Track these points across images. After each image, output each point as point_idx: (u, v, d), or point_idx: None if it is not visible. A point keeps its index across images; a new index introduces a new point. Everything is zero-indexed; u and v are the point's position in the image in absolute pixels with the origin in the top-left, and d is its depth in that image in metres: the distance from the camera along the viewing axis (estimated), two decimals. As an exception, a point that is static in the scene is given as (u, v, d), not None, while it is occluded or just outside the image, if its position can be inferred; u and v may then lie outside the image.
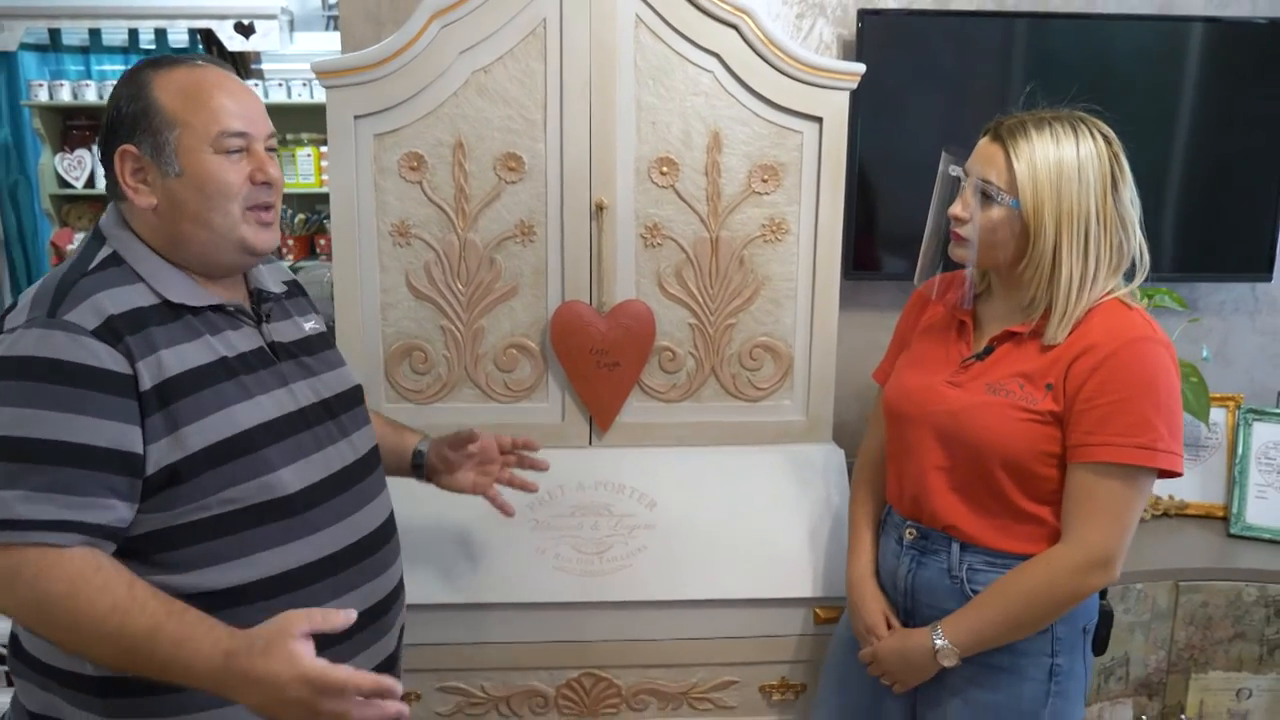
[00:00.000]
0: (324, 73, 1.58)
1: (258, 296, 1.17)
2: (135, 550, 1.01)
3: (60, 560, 0.95)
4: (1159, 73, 1.95)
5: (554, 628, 1.57)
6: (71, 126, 4.05)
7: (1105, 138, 1.21)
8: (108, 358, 0.98)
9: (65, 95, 3.92)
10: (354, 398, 1.23)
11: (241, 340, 1.10)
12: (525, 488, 1.42)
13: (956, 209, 1.25)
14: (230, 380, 1.06)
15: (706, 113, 1.64)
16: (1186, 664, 1.75)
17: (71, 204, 4.08)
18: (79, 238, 3.99)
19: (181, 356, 1.03)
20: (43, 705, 1.07)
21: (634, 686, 1.61)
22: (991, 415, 1.23)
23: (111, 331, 0.99)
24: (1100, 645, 1.36)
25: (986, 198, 1.22)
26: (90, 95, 3.93)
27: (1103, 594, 1.36)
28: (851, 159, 1.75)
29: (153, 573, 1.01)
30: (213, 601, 1.01)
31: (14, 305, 1.03)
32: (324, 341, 1.24)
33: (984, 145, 1.25)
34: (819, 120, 1.65)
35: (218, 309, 1.09)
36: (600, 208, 1.64)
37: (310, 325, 1.22)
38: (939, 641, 1.26)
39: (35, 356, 0.96)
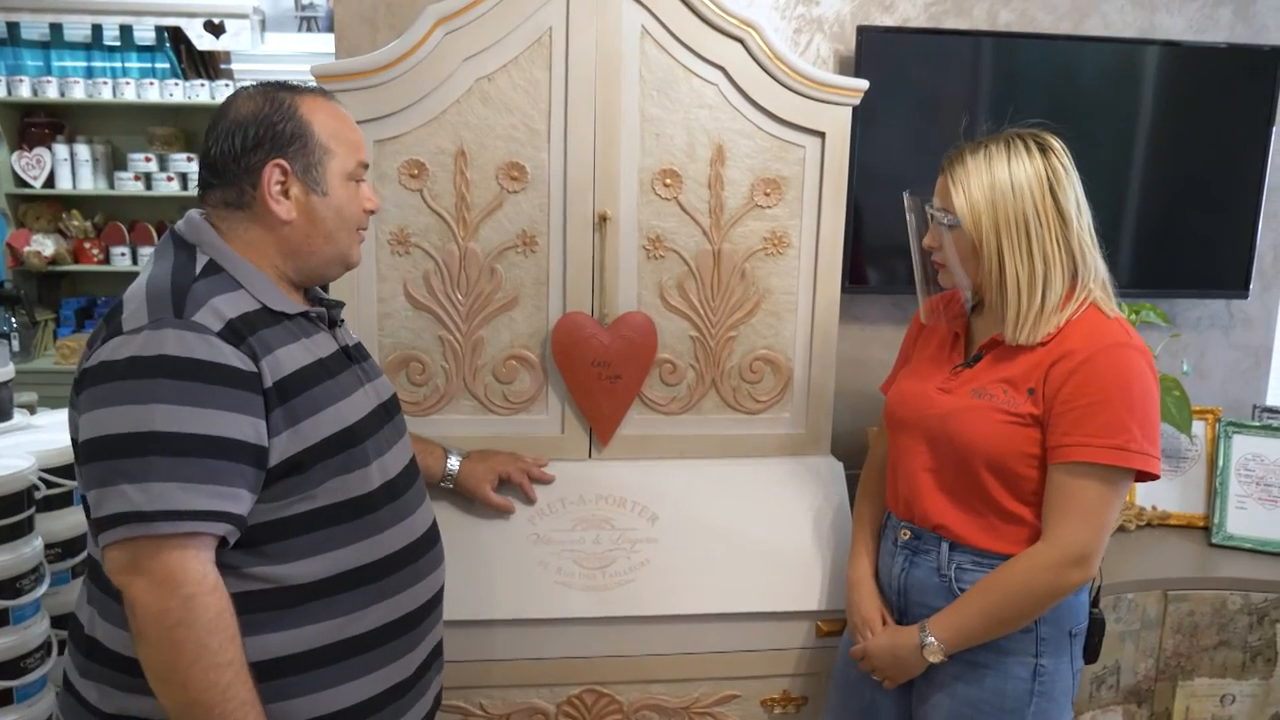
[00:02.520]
0: (324, 77, 1.54)
1: (322, 304, 1.23)
2: (243, 540, 1.05)
3: (218, 591, 1.00)
4: (1141, 93, 2.00)
5: (556, 644, 1.55)
6: (30, 124, 3.89)
7: (1040, 146, 1.29)
8: (234, 357, 1.02)
9: (24, 91, 3.77)
10: (398, 404, 1.30)
11: (324, 344, 1.16)
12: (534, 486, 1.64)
13: (927, 240, 1.37)
14: (330, 380, 1.12)
15: (710, 125, 1.64)
16: (1174, 671, 1.79)
17: (29, 204, 3.93)
18: (36, 238, 3.85)
19: (291, 356, 1.09)
20: (122, 707, 1.07)
21: (636, 702, 1.60)
22: (975, 418, 1.29)
23: (234, 333, 1.04)
24: (1092, 653, 1.39)
25: (941, 224, 1.33)
26: (51, 92, 3.79)
27: (1095, 602, 1.40)
28: (849, 174, 1.77)
29: (258, 563, 1.06)
30: (302, 594, 1.07)
31: (119, 308, 1.05)
32: (367, 350, 1.30)
33: (938, 182, 1.36)
34: (821, 135, 1.66)
35: (304, 315, 1.15)
36: (603, 219, 1.63)
37: (355, 334, 1.29)
38: (927, 639, 1.31)
39: (176, 355, 1.00)
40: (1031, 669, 1.31)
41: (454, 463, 1.58)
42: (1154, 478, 1.26)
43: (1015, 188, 1.26)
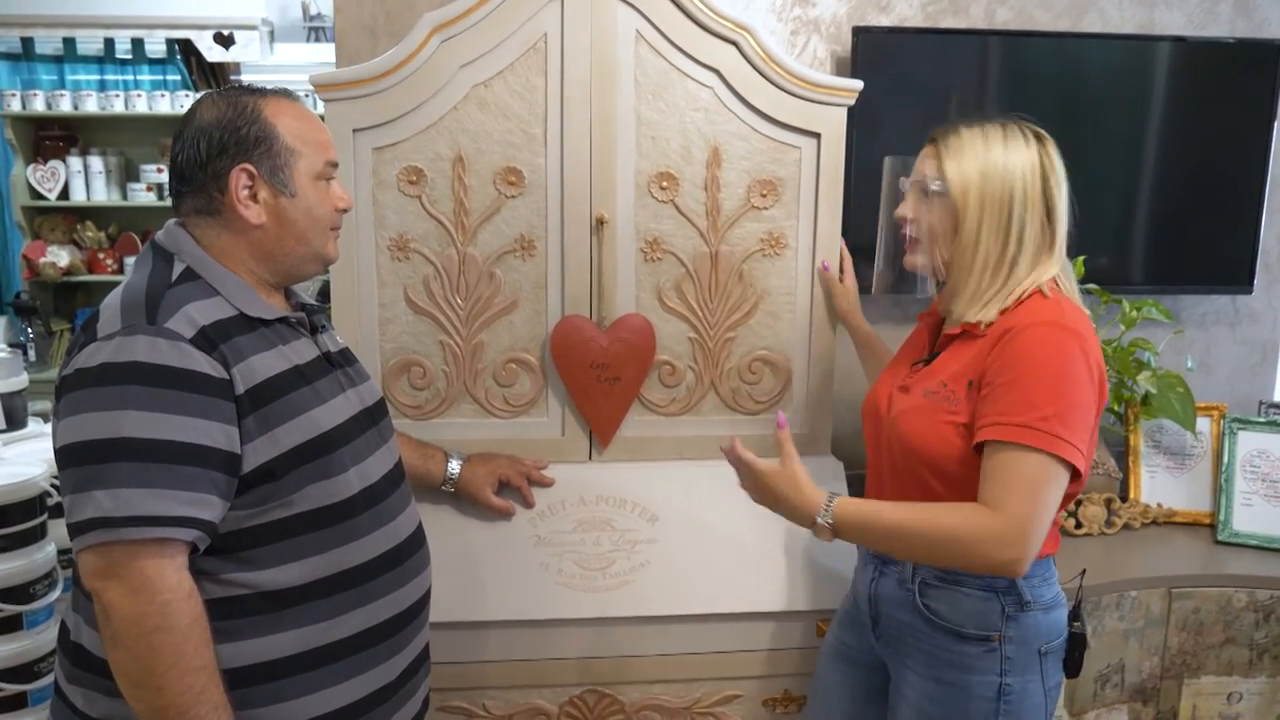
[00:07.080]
0: (322, 85, 1.56)
1: (303, 310, 1.22)
2: (220, 547, 1.06)
3: (193, 597, 1.01)
4: (1142, 90, 1.99)
5: (557, 644, 1.56)
6: (45, 137, 3.96)
7: (1037, 136, 1.28)
8: (206, 364, 1.03)
9: (39, 105, 3.84)
10: (384, 408, 1.30)
11: (304, 350, 1.16)
12: (535, 489, 1.67)
13: (901, 210, 1.33)
14: (306, 386, 1.12)
15: (706, 128, 1.65)
16: (1179, 669, 1.78)
17: (44, 216, 3.99)
18: (51, 250, 3.91)
19: (265, 363, 1.09)
20: (107, 712, 1.08)
21: (638, 703, 1.60)
22: (919, 419, 1.26)
23: (206, 340, 1.04)
24: (1074, 668, 1.33)
25: (924, 193, 1.29)
26: (64, 105, 3.86)
27: (1075, 617, 1.33)
28: (845, 174, 1.77)
29: (237, 569, 1.06)
30: (282, 600, 1.08)
31: (96, 316, 1.06)
32: (353, 355, 1.31)
33: (923, 153, 1.33)
34: (817, 136, 1.67)
35: (283, 321, 1.15)
36: (600, 222, 1.64)
37: (339, 339, 1.29)
38: (826, 517, 1.22)
39: (146, 362, 1.00)
40: (996, 688, 1.25)
41: (455, 466, 1.59)
42: (1076, 472, 1.16)
43: (1007, 167, 1.24)
